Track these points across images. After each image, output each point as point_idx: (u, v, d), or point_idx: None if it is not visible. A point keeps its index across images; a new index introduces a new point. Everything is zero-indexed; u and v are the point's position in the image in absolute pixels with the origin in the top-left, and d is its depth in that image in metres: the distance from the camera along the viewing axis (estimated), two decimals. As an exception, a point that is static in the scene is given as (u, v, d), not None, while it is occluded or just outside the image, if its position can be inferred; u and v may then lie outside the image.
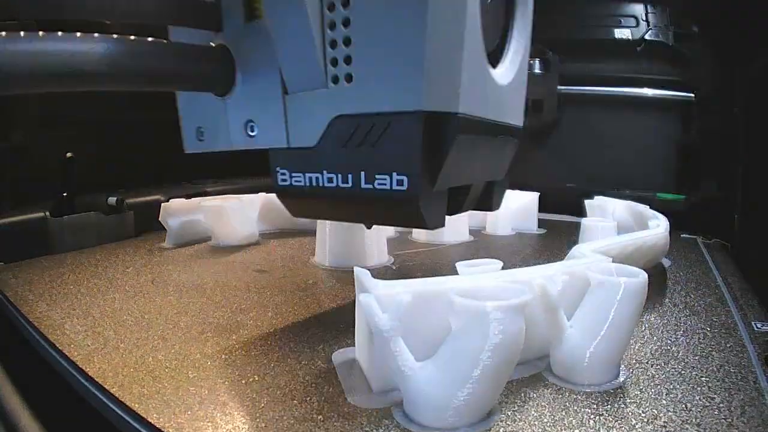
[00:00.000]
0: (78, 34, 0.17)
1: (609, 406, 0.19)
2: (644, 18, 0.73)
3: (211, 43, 0.21)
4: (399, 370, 0.18)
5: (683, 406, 0.19)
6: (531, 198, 0.51)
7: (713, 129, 0.66)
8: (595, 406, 0.19)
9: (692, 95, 0.70)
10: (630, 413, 0.18)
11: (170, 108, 0.26)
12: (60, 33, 0.17)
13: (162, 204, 0.45)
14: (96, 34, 0.17)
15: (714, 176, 0.65)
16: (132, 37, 0.18)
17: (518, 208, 0.50)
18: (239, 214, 0.45)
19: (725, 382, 0.20)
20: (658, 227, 0.34)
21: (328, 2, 0.18)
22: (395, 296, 0.18)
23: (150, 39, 0.19)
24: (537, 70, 0.71)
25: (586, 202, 0.47)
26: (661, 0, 0.72)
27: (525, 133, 0.27)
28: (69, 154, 0.45)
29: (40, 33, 0.16)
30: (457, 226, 0.45)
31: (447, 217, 0.23)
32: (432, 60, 0.16)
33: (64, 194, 0.45)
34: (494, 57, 0.21)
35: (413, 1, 0.16)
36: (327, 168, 0.20)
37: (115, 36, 0.18)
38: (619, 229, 0.39)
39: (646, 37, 0.72)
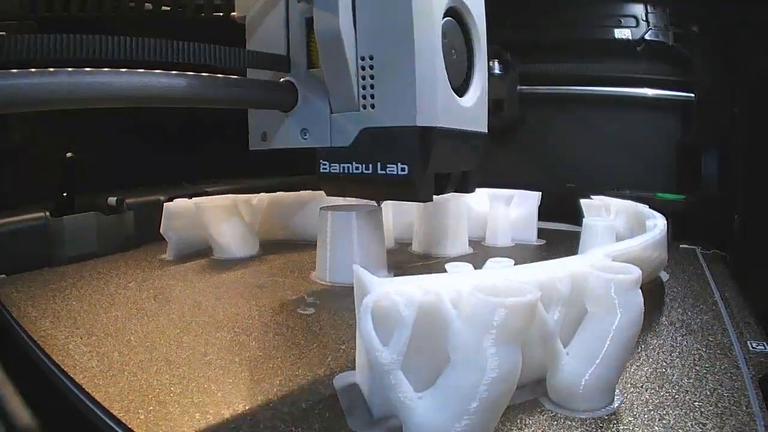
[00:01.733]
0: (204, 74, 0.28)
1: (603, 434, 0.19)
2: (644, 18, 0.73)
3: (282, 80, 0.33)
4: (398, 401, 0.19)
5: (675, 433, 0.19)
6: (530, 208, 0.51)
7: (713, 129, 0.66)
8: (589, 433, 0.19)
9: (692, 95, 0.69)
10: (624, 441, 0.19)
11: (170, 108, 0.28)
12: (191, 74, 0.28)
13: (162, 214, 0.45)
14: (218, 75, 0.29)
15: (714, 176, 0.65)
16: (236, 77, 0.31)
17: (517, 219, 0.50)
18: (240, 227, 0.45)
19: (718, 407, 0.21)
20: (656, 227, 0.34)
21: (361, 64, 0.30)
22: (397, 311, 0.18)
23: (244, 78, 0.34)
24: (496, 71, 0.72)
25: (582, 201, 0.47)
26: (661, 0, 0.72)
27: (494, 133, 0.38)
28: (69, 154, 0.46)
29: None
30: (457, 238, 0.46)
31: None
32: (421, 97, 0.29)
33: (64, 194, 0.45)
34: (462, 89, 0.33)
35: (409, 72, 0.28)
36: (356, 160, 0.31)
37: (220, 76, 0.29)
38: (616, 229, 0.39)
39: (646, 37, 0.71)
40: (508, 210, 0.49)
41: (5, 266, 0.40)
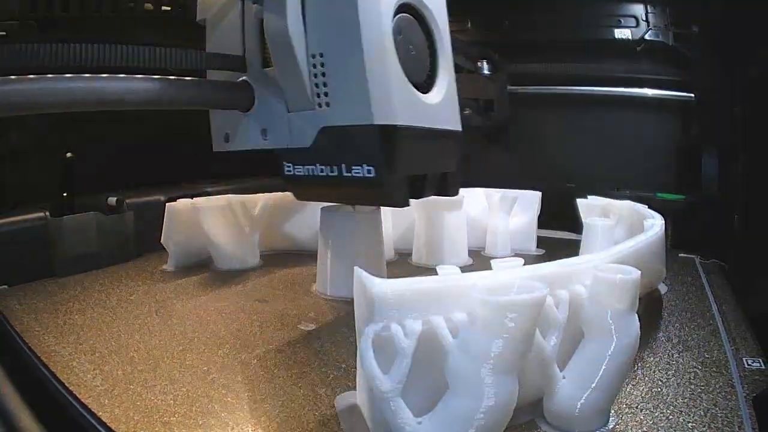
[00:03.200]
0: (159, 76, 0.29)
1: (599, 457, 0.20)
2: (644, 18, 0.72)
3: (239, 80, 0.34)
4: (398, 427, 0.19)
5: (669, 456, 0.20)
6: (530, 216, 0.51)
7: (713, 129, 0.66)
8: (585, 457, 0.20)
9: (692, 95, 0.69)
10: (618, 465, 0.19)
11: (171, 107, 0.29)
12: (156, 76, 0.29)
13: (163, 225, 0.45)
14: (172, 77, 0.29)
15: (714, 176, 0.65)
16: (191, 78, 0.31)
17: (517, 228, 0.50)
18: (240, 237, 0.46)
19: (711, 428, 0.21)
20: (653, 227, 0.34)
21: (311, 63, 0.29)
22: (398, 341, 0.19)
23: (199, 79, 0.33)
24: (485, 72, 0.72)
25: (579, 201, 0.48)
26: (661, 0, 0.72)
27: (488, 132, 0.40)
28: (69, 154, 0.46)
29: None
30: (456, 249, 0.46)
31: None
32: (374, 94, 0.27)
33: (64, 194, 0.45)
34: (426, 86, 0.32)
35: (359, 69, 0.27)
36: (318, 161, 0.30)
37: (175, 78, 0.30)
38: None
39: (646, 37, 0.71)
40: (508, 219, 0.49)
41: (4, 265, 0.41)
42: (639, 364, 0.27)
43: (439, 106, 0.32)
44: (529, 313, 0.18)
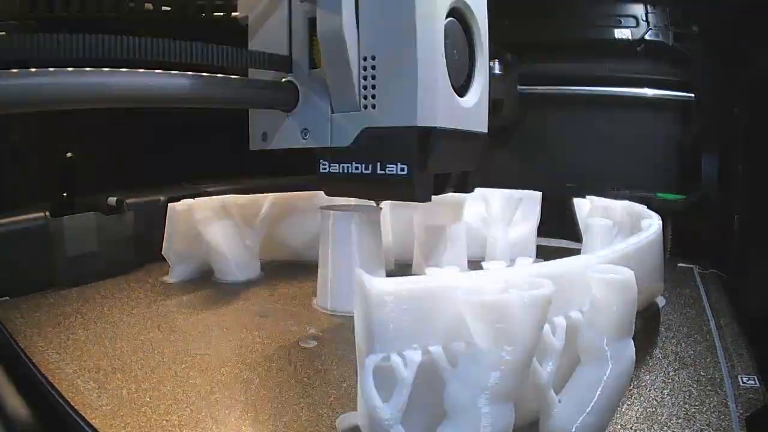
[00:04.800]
0: (205, 74, 0.29)
1: (594, 481, 0.20)
2: (644, 18, 0.72)
3: (283, 79, 0.34)
4: (398, 454, 0.19)
5: (663, 479, 0.20)
6: (530, 224, 0.52)
7: (713, 129, 0.66)
8: (581, 481, 0.20)
9: (692, 95, 0.69)
10: (613, 490, 0.20)
11: (170, 107, 0.28)
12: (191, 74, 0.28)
13: (164, 236, 0.46)
14: (217, 75, 0.29)
15: (714, 176, 0.66)
16: (237, 77, 0.32)
17: (517, 238, 0.51)
18: (241, 252, 0.46)
19: (705, 450, 0.22)
20: (651, 227, 0.35)
21: (363, 65, 0.30)
22: (398, 371, 0.19)
23: (246, 78, 0.35)
24: (497, 71, 0.72)
25: (575, 200, 0.48)
26: (661, 0, 0.71)
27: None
28: (69, 154, 0.46)
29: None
30: (456, 259, 0.46)
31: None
32: (421, 98, 0.29)
33: (64, 194, 0.45)
34: (463, 89, 0.33)
35: (410, 73, 0.28)
36: (355, 160, 0.31)
37: (222, 76, 0.30)
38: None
39: (646, 37, 0.71)
40: (508, 229, 0.50)
41: (3, 265, 0.41)
42: (635, 383, 0.27)
43: (472, 109, 0.33)
44: (536, 314, 0.18)
